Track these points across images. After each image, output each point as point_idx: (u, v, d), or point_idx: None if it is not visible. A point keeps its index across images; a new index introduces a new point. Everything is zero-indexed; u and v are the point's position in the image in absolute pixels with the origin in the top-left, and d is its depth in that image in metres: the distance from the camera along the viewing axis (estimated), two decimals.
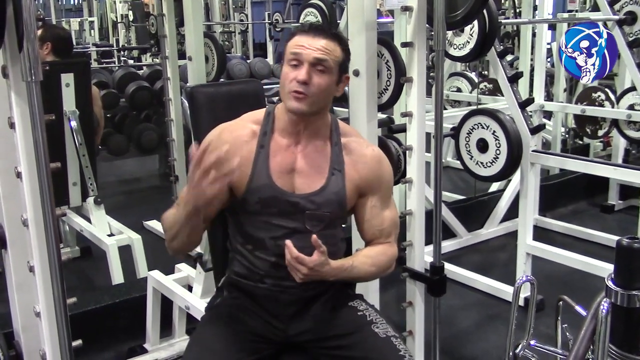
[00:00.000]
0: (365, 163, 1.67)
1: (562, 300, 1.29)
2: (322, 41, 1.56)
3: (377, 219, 1.69)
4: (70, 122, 3.35)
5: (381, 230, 1.69)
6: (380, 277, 1.80)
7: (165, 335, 2.76)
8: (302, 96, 1.55)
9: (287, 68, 1.57)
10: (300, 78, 1.54)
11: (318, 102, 1.58)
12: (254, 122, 1.66)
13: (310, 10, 3.91)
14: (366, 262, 1.66)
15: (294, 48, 1.56)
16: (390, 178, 1.73)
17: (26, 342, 1.67)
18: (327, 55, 1.56)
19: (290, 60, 1.56)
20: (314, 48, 1.55)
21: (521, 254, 3.30)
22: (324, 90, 1.57)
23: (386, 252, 1.70)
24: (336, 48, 1.59)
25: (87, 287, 3.53)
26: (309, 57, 1.54)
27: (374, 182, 1.68)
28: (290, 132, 1.63)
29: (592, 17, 4.35)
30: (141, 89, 5.25)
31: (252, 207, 1.60)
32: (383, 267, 1.69)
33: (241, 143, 1.61)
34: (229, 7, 9.48)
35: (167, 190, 4.27)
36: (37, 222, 1.50)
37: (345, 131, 1.71)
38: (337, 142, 1.67)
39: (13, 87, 1.45)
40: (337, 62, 1.59)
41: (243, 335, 1.61)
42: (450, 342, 2.90)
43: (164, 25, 3.53)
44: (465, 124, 3.38)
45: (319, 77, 1.55)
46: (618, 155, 4.71)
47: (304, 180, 1.62)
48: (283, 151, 1.62)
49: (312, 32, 1.57)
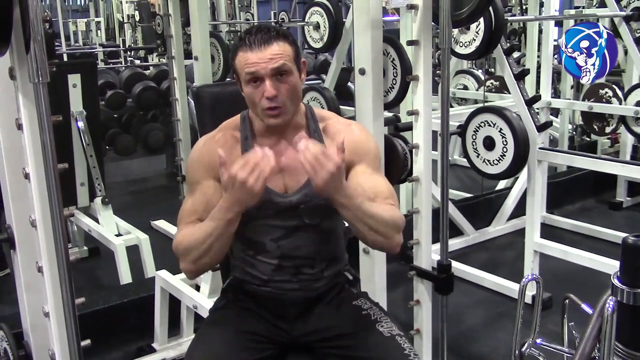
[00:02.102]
0: (347, 135, 1.58)
1: (569, 299, 1.29)
2: (269, 49, 1.50)
3: (370, 182, 1.60)
4: (77, 123, 3.37)
5: (377, 193, 1.58)
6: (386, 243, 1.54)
7: (174, 335, 2.77)
8: (277, 111, 1.52)
9: (249, 88, 1.52)
10: (267, 94, 1.49)
11: (292, 105, 1.55)
12: (232, 128, 1.64)
13: (315, 9, 3.91)
14: (375, 205, 1.52)
15: (247, 67, 1.50)
16: (375, 147, 1.66)
17: (35, 342, 1.69)
18: (282, 59, 1.50)
19: (249, 81, 1.51)
20: (267, 59, 1.49)
21: (529, 251, 3.29)
22: (294, 93, 1.54)
23: (393, 209, 1.56)
24: (284, 46, 1.53)
25: (96, 286, 3.55)
26: (266, 70, 1.49)
27: (359, 150, 1.62)
28: (271, 133, 1.61)
29: (599, 13, 4.34)
30: (148, 89, 5.27)
31: (248, 213, 1.54)
32: (393, 218, 1.53)
33: (227, 150, 1.56)
34: (235, 7, 9.48)
35: (175, 189, 4.29)
36: (45, 222, 1.51)
37: (321, 116, 1.67)
38: (316, 129, 1.63)
39: (20, 88, 1.46)
40: (292, 58, 1.54)
41: (247, 337, 1.61)
42: (458, 341, 2.90)
43: (170, 25, 3.54)
44: (472, 121, 3.38)
45: (284, 83, 1.52)
46: (626, 151, 4.68)
47: (292, 177, 1.59)
48: None
49: (255, 45, 1.50)
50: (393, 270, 2.33)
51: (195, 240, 1.51)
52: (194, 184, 1.62)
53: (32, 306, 1.66)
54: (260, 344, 1.62)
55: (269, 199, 1.56)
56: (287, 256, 1.61)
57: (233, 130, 1.64)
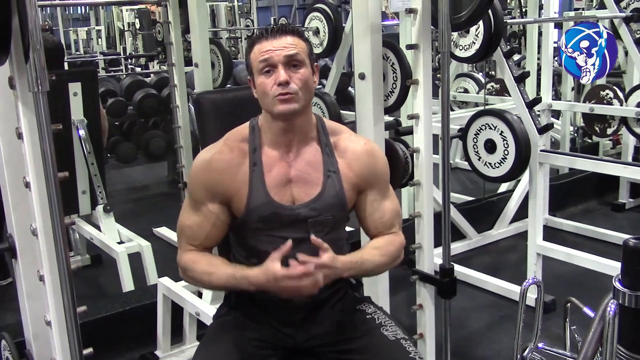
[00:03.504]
0: (358, 159, 1.63)
1: (570, 302, 1.29)
2: (284, 39, 1.54)
3: (378, 212, 1.66)
4: (78, 131, 3.37)
5: (383, 223, 1.67)
6: (390, 269, 1.74)
7: (176, 342, 2.77)
8: (288, 96, 1.52)
9: (261, 78, 1.54)
10: (280, 80, 1.51)
11: (304, 96, 1.55)
12: (239, 140, 1.62)
13: (315, 15, 3.91)
14: (375, 254, 1.63)
15: (261, 56, 1.53)
16: (385, 169, 1.69)
17: (37, 351, 1.68)
18: (296, 49, 1.54)
19: (262, 69, 1.54)
20: (281, 47, 1.53)
21: (531, 254, 3.28)
22: (306, 83, 1.55)
23: (393, 242, 1.67)
24: (299, 40, 1.57)
25: (98, 294, 3.54)
26: (280, 57, 1.52)
27: (369, 177, 1.65)
28: (280, 142, 1.60)
29: (599, 14, 4.33)
30: (148, 96, 5.27)
31: (253, 225, 1.58)
32: (393, 255, 1.65)
33: (234, 166, 1.58)
34: (235, 13, 9.51)
35: (176, 196, 4.28)
36: (46, 231, 1.51)
37: (332, 129, 1.67)
38: (327, 142, 1.63)
39: (20, 97, 1.46)
40: (306, 52, 1.57)
41: (252, 343, 1.61)
42: (462, 344, 2.89)
43: (170, 32, 3.54)
44: (473, 125, 3.37)
45: (296, 73, 1.53)
46: (628, 153, 4.68)
47: (301, 189, 1.59)
48: (277, 164, 1.59)
49: (271, 35, 1.55)
50: (395, 274, 2.32)
51: (208, 282, 1.60)
52: (196, 202, 1.61)
53: (34, 315, 1.65)
54: (264, 350, 1.62)
55: (275, 212, 1.56)
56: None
57: (240, 142, 1.62)
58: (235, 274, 1.53)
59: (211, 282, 1.59)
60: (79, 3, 12.95)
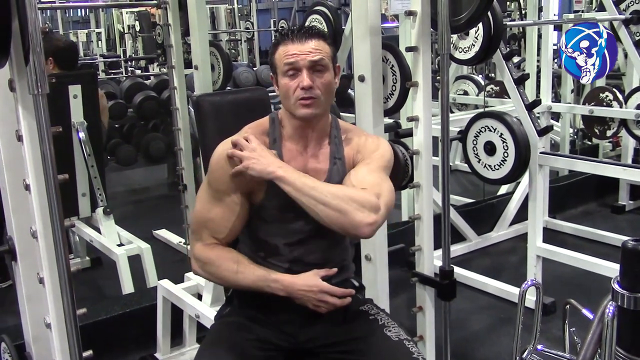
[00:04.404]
0: (363, 144, 1.67)
1: (569, 304, 1.29)
2: (310, 43, 1.56)
3: (359, 174, 1.59)
4: (78, 134, 3.37)
5: (358, 183, 1.56)
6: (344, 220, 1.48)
7: (176, 344, 2.77)
8: (311, 101, 1.55)
9: (285, 79, 1.57)
10: (304, 84, 1.54)
11: (325, 101, 1.59)
12: (259, 132, 1.64)
13: (315, 17, 3.91)
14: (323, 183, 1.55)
15: (286, 58, 1.56)
16: (385, 154, 1.66)
17: (37, 353, 1.68)
18: (321, 54, 1.56)
19: (287, 71, 1.56)
20: (307, 52, 1.55)
21: (531, 256, 3.28)
22: (328, 88, 1.59)
23: (356, 190, 1.53)
24: (324, 44, 1.59)
25: (98, 297, 3.54)
26: (305, 62, 1.55)
27: (362, 150, 1.66)
28: (299, 137, 1.64)
29: (599, 17, 4.34)
30: (148, 98, 5.27)
31: (269, 213, 1.61)
32: (351, 193, 1.51)
33: None
34: (235, 16, 9.52)
35: (176, 199, 4.27)
36: (46, 234, 1.51)
37: (345, 128, 1.71)
38: (337, 135, 1.67)
39: (20, 100, 1.46)
40: (330, 56, 1.60)
41: (254, 344, 1.61)
42: (462, 346, 2.89)
43: (170, 35, 3.54)
44: (472, 127, 3.38)
45: (320, 78, 1.57)
46: (627, 155, 4.68)
47: None
48: (296, 157, 1.63)
49: (297, 38, 1.57)
50: (395, 276, 2.33)
51: (233, 280, 1.62)
52: (219, 192, 1.62)
53: (34, 317, 1.65)
54: (267, 351, 1.63)
55: (291, 204, 1.55)
56: (298, 261, 1.62)
57: (261, 135, 1.64)
58: (267, 276, 1.57)
59: (237, 280, 1.60)
60: (79, 5, 12.97)
